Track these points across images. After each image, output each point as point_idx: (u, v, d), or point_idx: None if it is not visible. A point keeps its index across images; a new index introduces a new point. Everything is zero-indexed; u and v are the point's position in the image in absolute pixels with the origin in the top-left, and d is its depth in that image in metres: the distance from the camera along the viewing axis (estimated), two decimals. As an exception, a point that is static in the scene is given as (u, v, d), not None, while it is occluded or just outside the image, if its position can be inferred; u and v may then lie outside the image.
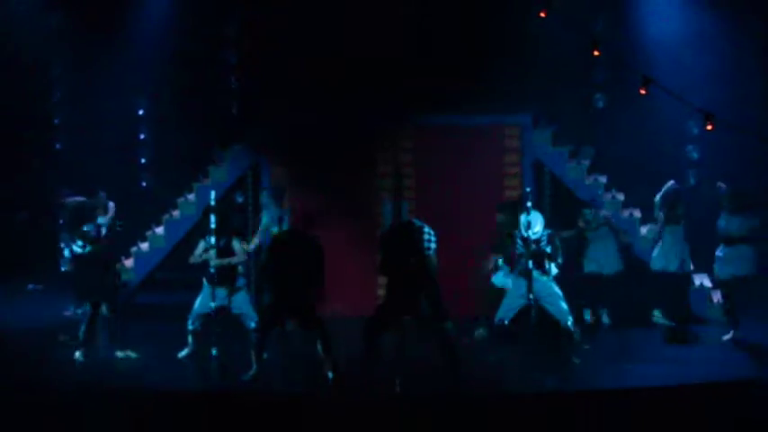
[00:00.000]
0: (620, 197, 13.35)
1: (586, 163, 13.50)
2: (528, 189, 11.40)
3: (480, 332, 11.89)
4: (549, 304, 10.79)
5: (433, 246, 10.34)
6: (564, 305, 10.79)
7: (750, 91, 13.56)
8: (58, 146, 15.06)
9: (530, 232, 10.73)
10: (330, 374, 10.22)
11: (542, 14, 12.22)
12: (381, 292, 12.61)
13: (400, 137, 13.43)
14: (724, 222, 11.60)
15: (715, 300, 12.83)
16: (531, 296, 10.67)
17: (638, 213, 13.28)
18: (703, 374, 10.25)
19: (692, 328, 11.90)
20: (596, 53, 11.81)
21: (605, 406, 9.58)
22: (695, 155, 13.72)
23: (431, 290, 10.10)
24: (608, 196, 13.27)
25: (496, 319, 10.96)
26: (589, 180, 13.36)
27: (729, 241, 11.52)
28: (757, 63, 13.75)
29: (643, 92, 11.28)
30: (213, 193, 11.12)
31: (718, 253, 11.64)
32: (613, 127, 13.76)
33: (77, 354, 11.00)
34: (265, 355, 10.50)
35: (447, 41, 13.60)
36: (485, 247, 11.96)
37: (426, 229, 10.37)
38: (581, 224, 12.59)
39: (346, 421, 9.39)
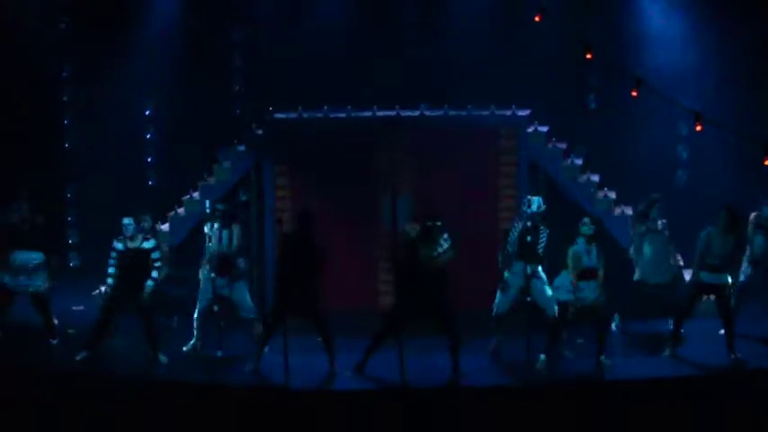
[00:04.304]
0: (612, 195, 13.57)
1: (579, 162, 13.69)
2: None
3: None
4: (538, 299, 11.17)
5: (443, 249, 10.75)
6: (551, 297, 11.13)
7: (744, 92, 13.71)
8: (67, 144, 15.32)
9: (533, 208, 11.18)
10: (330, 368, 10.62)
11: (537, 19, 12.44)
12: (382, 287, 13.09)
13: (398, 136, 13.55)
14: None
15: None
16: (528, 299, 11.04)
17: (629, 211, 13.41)
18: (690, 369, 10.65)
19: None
20: (588, 56, 11.97)
21: (589, 398, 10.02)
22: (685, 155, 13.91)
23: (440, 290, 10.59)
24: (600, 194, 13.48)
25: (493, 313, 11.33)
26: (582, 179, 13.57)
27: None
28: (751, 63, 13.90)
29: (635, 94, 11.54)
30: (208, 203, 11.62)
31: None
32: (606, 126, 13.92)
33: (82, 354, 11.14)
34: (267, 350, 10.91)
35: (444, 43, 13.90)
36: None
37: (445, 234, 10.81)
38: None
39: (346, 413, 9.75)
